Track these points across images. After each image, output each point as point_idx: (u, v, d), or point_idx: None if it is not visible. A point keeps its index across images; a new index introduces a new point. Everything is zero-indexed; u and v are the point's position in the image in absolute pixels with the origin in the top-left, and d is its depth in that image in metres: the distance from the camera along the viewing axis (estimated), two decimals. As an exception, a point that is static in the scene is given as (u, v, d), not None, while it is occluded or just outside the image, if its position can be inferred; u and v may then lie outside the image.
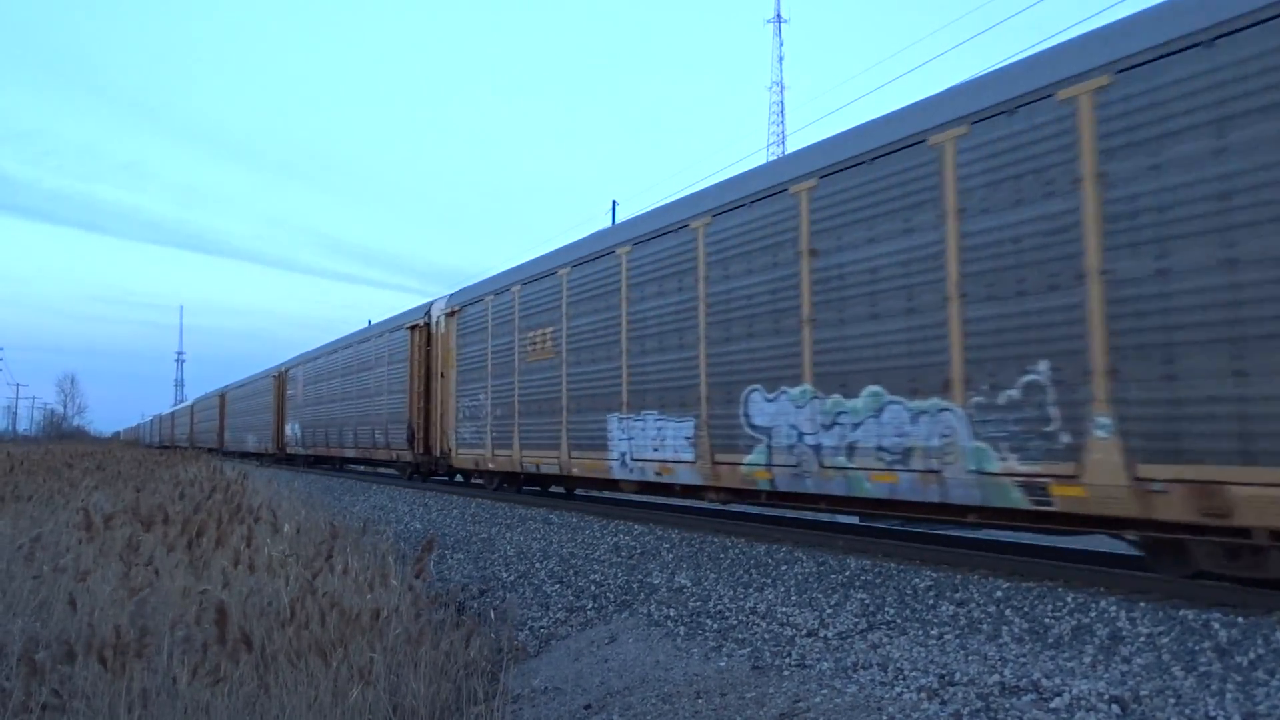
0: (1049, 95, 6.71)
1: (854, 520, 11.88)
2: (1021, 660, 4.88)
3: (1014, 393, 6.88)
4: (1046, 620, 5.60)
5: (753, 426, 9.52)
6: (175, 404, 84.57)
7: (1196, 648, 4.83)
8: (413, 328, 19.73)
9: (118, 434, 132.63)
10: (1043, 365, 6.67)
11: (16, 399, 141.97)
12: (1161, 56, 6.02)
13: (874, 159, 8.15)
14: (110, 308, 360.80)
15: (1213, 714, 3.94)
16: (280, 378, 34.45)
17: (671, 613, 6.69)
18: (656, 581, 7.76)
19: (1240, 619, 5.18)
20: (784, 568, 7.80)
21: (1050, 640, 5.26)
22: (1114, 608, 5.62)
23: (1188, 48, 5.88)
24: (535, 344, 14.14)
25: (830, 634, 5.71)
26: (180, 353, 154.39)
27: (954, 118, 7.45)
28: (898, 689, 4.53)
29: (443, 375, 18.01)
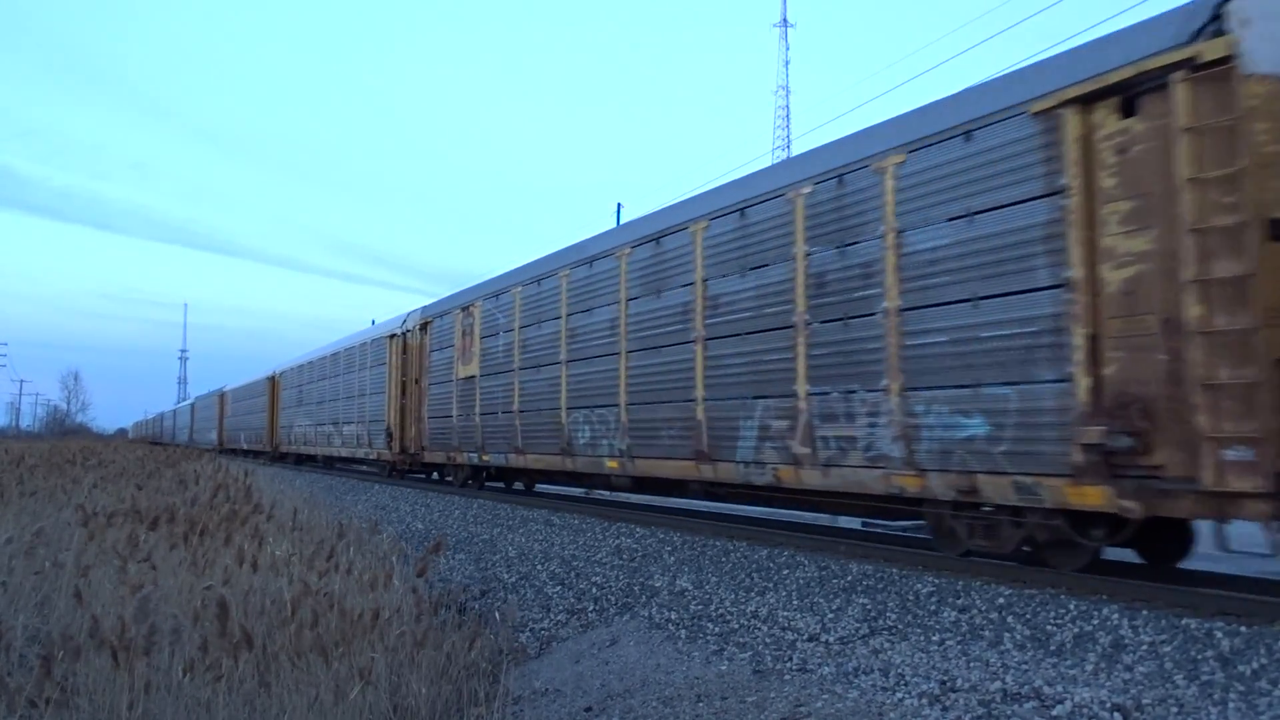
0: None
1: (856, 525, 11.91)
2: (1023, 667, 4.87)
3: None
4: (1049, 627, 5.59)
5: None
6: (178, 402, 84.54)
7: (1199, 657, 4.82)
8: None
9: (124, 430, 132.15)
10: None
11: (20, 395, 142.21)
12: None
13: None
14: (116, 305, 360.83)
15: (1215, 723, 3.93)
16: (274, 380, 35.59)
17: (673, 616, 6.68)
18: (658, 584, 7.75)
19: (1243, 628, 5.16)
20: (786, 572, 7.80)
21: (1052, 648, 5.25)
22: (1116, 615, 5.60)
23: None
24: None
25: (832, 639, 5.70)
26: (184, 350, 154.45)
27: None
28: (899, 694, 4.52)
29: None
